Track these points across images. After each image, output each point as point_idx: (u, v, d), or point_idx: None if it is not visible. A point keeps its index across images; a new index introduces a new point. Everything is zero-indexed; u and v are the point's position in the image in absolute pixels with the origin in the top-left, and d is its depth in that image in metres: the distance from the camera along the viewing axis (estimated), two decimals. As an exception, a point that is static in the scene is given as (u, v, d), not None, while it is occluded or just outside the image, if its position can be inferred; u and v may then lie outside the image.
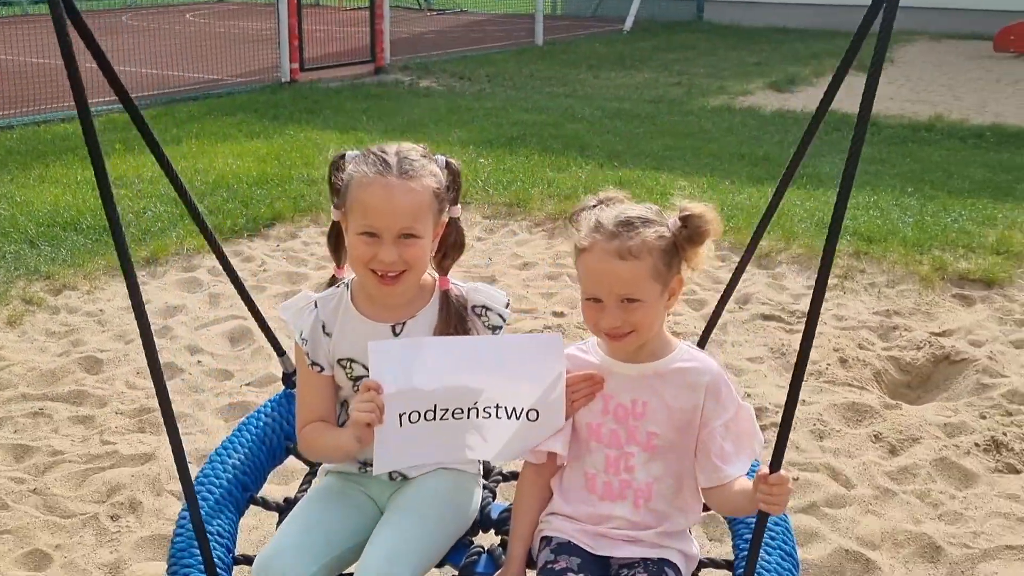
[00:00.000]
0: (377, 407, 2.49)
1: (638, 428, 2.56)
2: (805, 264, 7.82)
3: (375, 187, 2.58)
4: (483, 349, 2.69)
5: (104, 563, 4.11)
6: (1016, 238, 8.20)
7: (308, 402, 2.82)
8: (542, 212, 9.13)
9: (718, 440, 2.51)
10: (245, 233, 8.37)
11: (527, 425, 2.60)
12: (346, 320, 2.77)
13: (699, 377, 2.54)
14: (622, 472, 2.57)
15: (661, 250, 2.45)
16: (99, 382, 5.75)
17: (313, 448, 2.84)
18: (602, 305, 2.47)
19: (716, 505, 2.60)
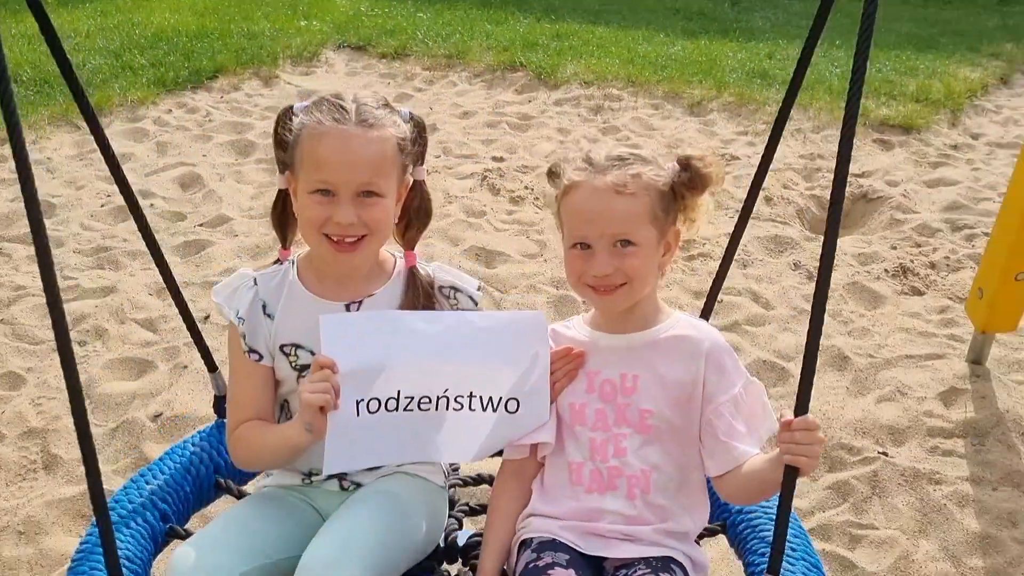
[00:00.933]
0: (332, 387, 2.12)
1: (629, 406, 2.22)
2: (735, 112, 8.12)
3: (330, 136, 2.22)
4: (456, 326, 2.30)
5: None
6: (935, 87, 8.57)
7: (243, 397, 2.39)
8: (481, 63, 9.29)
9: (726, 417, 2.17)
10: (188, 85, 8.43)
11: (505, 418, 2.27)
12: (291, 299, 2.38)
13: (697, 345, 2.22)
14: (611, 458, 2.22)
15: (659, 191, 2.16)
16: (54, 224, 5.92)
17: (251, 448, 2.37)
18: (591, 252, 2.16)
19: (733, 493, 2.21)
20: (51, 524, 3.59)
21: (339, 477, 2.46)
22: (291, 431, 2.24)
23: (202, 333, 2.82)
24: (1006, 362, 4.63)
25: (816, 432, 1.89)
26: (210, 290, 5.01)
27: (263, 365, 2.38)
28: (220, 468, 2.66)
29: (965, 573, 3.45)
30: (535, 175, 6.80)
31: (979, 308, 4.43)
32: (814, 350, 1.84)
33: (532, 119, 8.05)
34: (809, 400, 1.87)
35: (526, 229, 6.01)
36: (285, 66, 9.25)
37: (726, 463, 2.16)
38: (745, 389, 2.20)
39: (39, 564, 3.43)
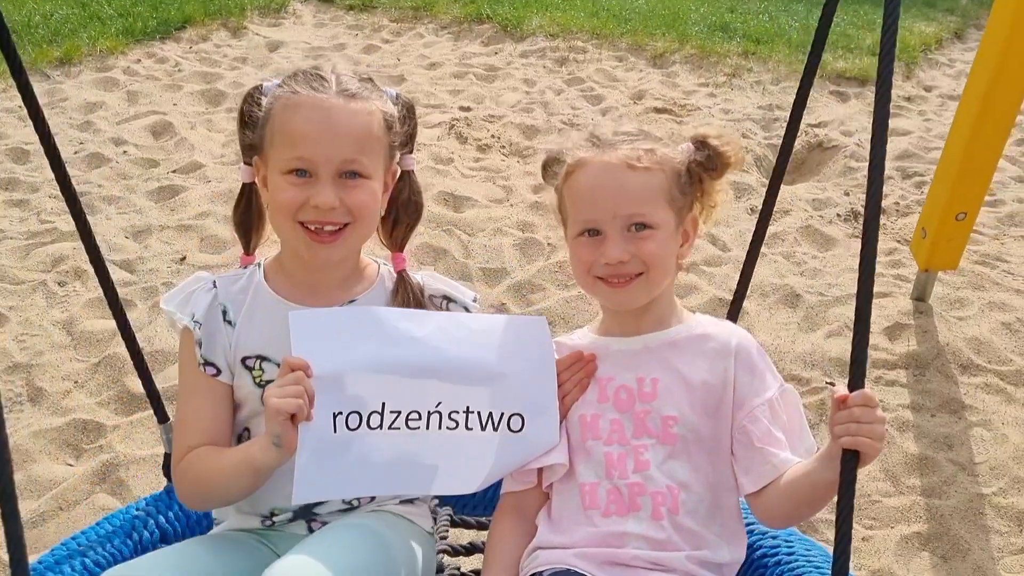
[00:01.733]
0: (306, 392, 1.82)
1: (649, 413, 1.95)
2: (696, 64, 8.30)
3: (307, 107, 1.96)
4: (447, 327, 2.01)
5: (58, 321, 4.53)
6: (891, 40, 8.79)
7: (194, 419, 2.04)
8: (448, 15, 9.42)
9: (763, 422, 1.90)
10: (157, 36, 8.49)
11: (509, 439, 1.97)
12: (257, 304, 2.07)
13: (724, 342, 1.98)
14: (631, 474, 1.92)
15: (675, 169, 1.95)
16: (28, 171, 6.03)
17: (201, 477, 1.99)
18: (601, 238, 1.92)
19: (773, 511, 1.90)
20: (38, 452, 3.75)
21: (307, 519, 2.12)
22: (254, 448, 1.90)
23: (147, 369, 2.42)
24: (948, 300, 4.88)
25: (877, 409, 1.65)
26: (185, 233, 5.22)
27: (220, 381, 2.04)
28: (168, 536, 2.29)
29: (903, 491, 3.70)
30: (501, 124, 6.97)
31: (922, 247, 4.67)
32: (866, 319, 1.61)
33: (498, 70, 8.19)
34: (864, 373, 1.63)
35: (492, 176, 6.18)
36: (253, 17, 9.32)
37: (764, 474, 1.87)
38: (781, 395, 1.95)
39: (28, 490, 3.59)
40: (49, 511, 3.45)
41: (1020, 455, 3.85)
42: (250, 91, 2.10)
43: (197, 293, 2.08)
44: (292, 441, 1.82)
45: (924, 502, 3.62)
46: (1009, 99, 4.15)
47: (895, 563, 3.35)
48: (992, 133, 4.24)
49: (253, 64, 8.15)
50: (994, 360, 4.42)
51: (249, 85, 2.14)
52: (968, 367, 4.37)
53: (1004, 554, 3.41)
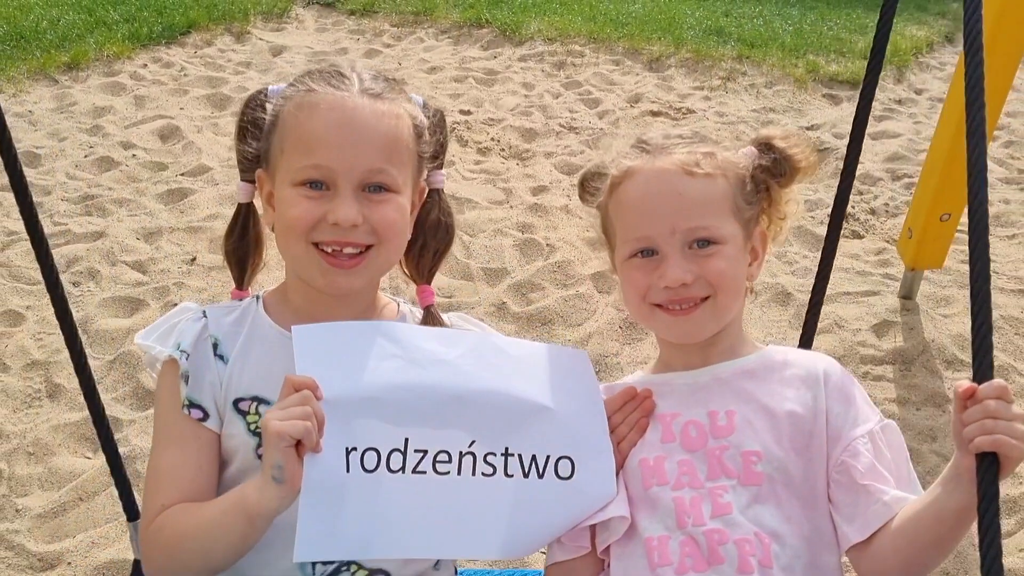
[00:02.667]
0: (315, 414, 1.51)
1: (726, 450, 1.66)
2: (692, 67, 8.46)
3: (327, 107, 1.67)
4: (480, 350, 1.73)
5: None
6: (883, 44, 8.95)
7: (171, 473, 1.70)
8: (448, 20, 9.58)
9: (866, 456, 1.61)
10: (162, 41, 8.65)
11: (557, 487, 1.67)
12: (255, 338, 1.77)
13: (811, 368, 1.72)
14: (708, 520, 1.61)
15: (738, 177, 1.72)
16: (40, 174, 6.17)
17: (180, 537, 1.64)
18: (658, 258, 1.67)
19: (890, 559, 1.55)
20: (58, 446, 3.90)
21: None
22: (248, 487, 1.56)
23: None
24: (934, 298, 5.04)
25: (1014, 404, 1.36)
26: (195, 235, 5.37)
27: (207, 428, 1.72)
28: None
29: (888, 480, 3.86)
30: (501, 127, 7.12)
31: (909, 247, 4.83)
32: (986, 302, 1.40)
33: (497, 74, 8.35)
34: (992, 362, 1.37)
35: (493, 178, 6.34)
36: (256, 22, 9.47)
37: (874, 516, 1.56)
38: (882, 429, 1.67)
39: (48, 481, 3.75)
40: (70, 502, 3.61)
41: (1001, 446, 4.00)
42: (252, 95, 1.83)
43: (183, 324, 1.79)
44: (295, 476, 1.49)
45: (908, 491, 3.78)
46: (991, 103, 4.29)
47: (879, 549, 3.51)
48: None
49: (257, 68, 8.30)
50: (978, 356, 4.58)
51: (254, 89, 1.88)
52: (953, 362, 4.52)
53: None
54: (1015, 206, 6.24)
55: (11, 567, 3.34)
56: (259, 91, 1.83)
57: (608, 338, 4.60)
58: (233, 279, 1.94)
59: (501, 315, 4.75)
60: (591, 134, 7.00)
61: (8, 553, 3.38)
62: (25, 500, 3.64)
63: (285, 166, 1.70)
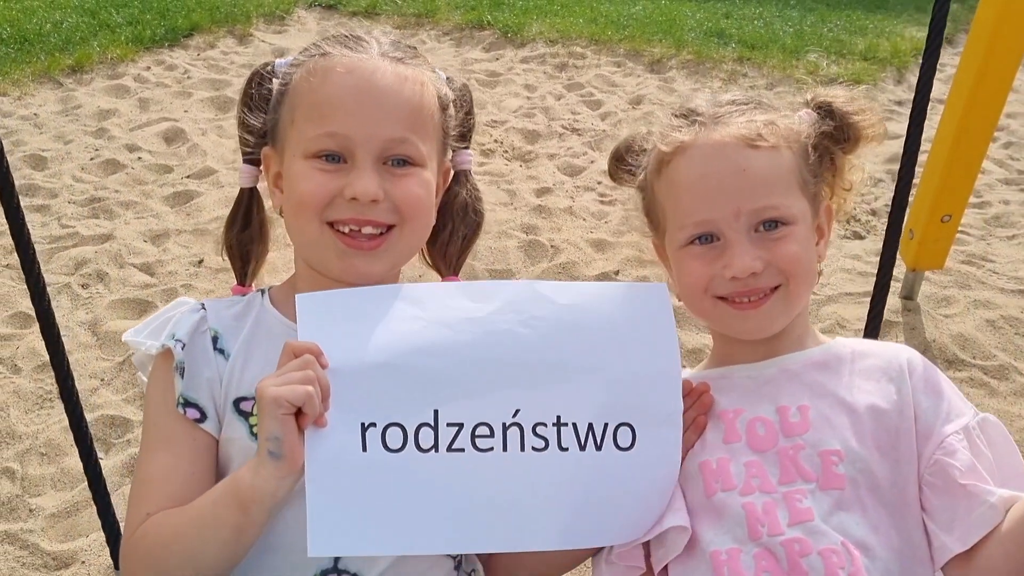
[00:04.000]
0: (318, 380, 1.35)
1: (802, 450, 1.48)
2: (693, 69, 8.50)
3: (343, 70, 1.49)
4: (524, 305, 1.49)
5: (83, 321, 4.72)
6: (883, 45, 9.01)
7: (160, 479, 1.50)
8: (449, 22, 9.63)
9: (963, 453, 1.44)
10: (165, 43, 8.69)
11: (617, 460, 1.43)
12: (260, 333, 1.59)
13: (892, 360, 1.55)
14: (786, 528, 1.41)
15: (803, 146, 1.53)
16: (47, 177, 6.22)
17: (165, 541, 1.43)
18: (721, 244, 1.48)
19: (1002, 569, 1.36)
20: (70, 446, 3.94)
21: None
22: (241, 471, 1.38)
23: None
24: (935, 298, 5.09)
25: None
26: (201, 238, 5.41)
27: (203, 430, 1.52)
28: None
29: (891, 479, 3.90)
30: (504, 129, 7.17)
31: (910, 248, 4.87)
32: None
33: (500, 76, 8.39)
34: None
35: (496, 180, 6.38)
36: (258, 24, 9.51)
37: (976, 524, 1.35)
38: (980, 425, 1.50)
39: (61, 481, 3.79)
40: (82, 501, 3.65)
41: (1002, 445, 4.05)
42: (257, 70, 1.66)
43: (178, 316, 1.61)
44: (296, 450, 1.32)
45: (910, 489, 3.82)
46: (991, 104, 4.36)
47: (882, 546, 3.55)
48: (975, 138, 4.45)
49: (260, 71, 8.34)
50: (979, 356, 4.63)
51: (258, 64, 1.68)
52: (954, 362, 4.57)
53: (985, 537, 3.61)
54: (1015, 207, 6.28)
55: (26, 566, 3.39)
56: (265, 64, 1.65)
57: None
58: (235, 274, 1.72)
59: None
60: (594, 136, 7.04)
61: (23, 552, 3.42)
62: (38, 500, 3.69)
63: (296, 137, 1.50)
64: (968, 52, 4.39)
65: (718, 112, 1.53)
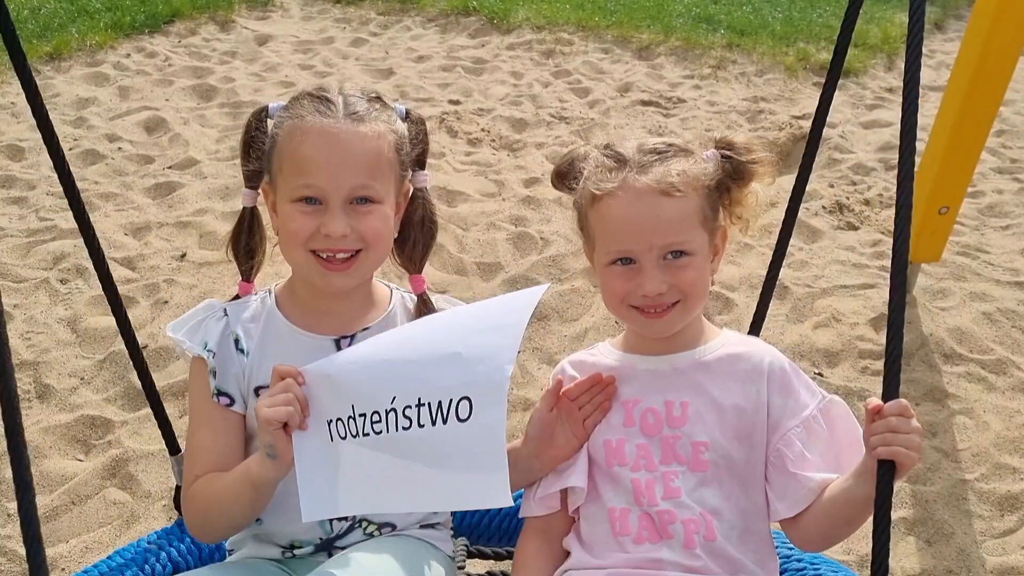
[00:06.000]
0: (297, 399, 1.80)
1: (679, 440, 1.88)
2: (682, 56, 8.41)
3: (315, 134, 1.91)
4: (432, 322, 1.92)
5: (62, 318, 4.61)
6: (873, 32, 8.92)
7: (204, 448, 2.01)
8: (434, 8, 9.50)
9: (797, 445, 1.84)
10: (146, 29, 8.54)
11: (458, 431, 1.64)
12: (270, 333, 2.05)
13: (757, 364, 1.91)
14: (661, 501, 1.85)
15: (705, 187, 1.87)
16: (24, 168, 6.09)
17: (208, 501, 1.96)
18: (636, 267, 1.86)
19: (813, 533, 1.84)
20: (48, 448, 3.84)
21: (329, 551, 2.07)
22: (251, 462, 1.88)
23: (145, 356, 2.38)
24: (931, 291, 5.02)
25: (912, 419, 1.61)
26: (184, 230, 5.30)
27: (233, 411, 2.01)
28: (180, 568, 2.24)
29: (889, 477, 3.83)
30: (491, 117, 7.06)
31: (906, 240, 4.79)
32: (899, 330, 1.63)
33: (486, 63, 8.28)
34: (899, 383, 1.62)
35: (484, 170, 6.28)
36: (240, 10, 9.36)
37: (800, 500, 1.82)
38: (821, 411, 1.88)
39: (40, 485, 3.68)
40: (62, 506, 3.55)
41: (1001, 442, 3.99)
42: (254, 115, 2.05)
43: (207, 322, 2.05)
44: (286, 451, 1.79)
45: (909, 488, 3.75)
46: (990, 96, 4.28)
47: (882, 547, 3.48)
48: (974, 129, 4.37)
49: (243, 58, 8.20)
50: (976, 350, 4.56)
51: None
52: (951, 357, 4.50)
53: (986, 538, 3.54)
54: (1008, 196, 6.22)
55: (4, 574, 3.28)
56: (261, 109, 2.04)
57: (604, 333, 4.55)
58: (240, 273, 2.14)
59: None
60: (582, 124, 6.95)
61: (0, 559, 3.31)
62: (16, 504, 3.58)
63: (283, 184, 1.94)
64: (968, 41, 4.31)
65: (642, 160, 1.86)
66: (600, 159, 1.92)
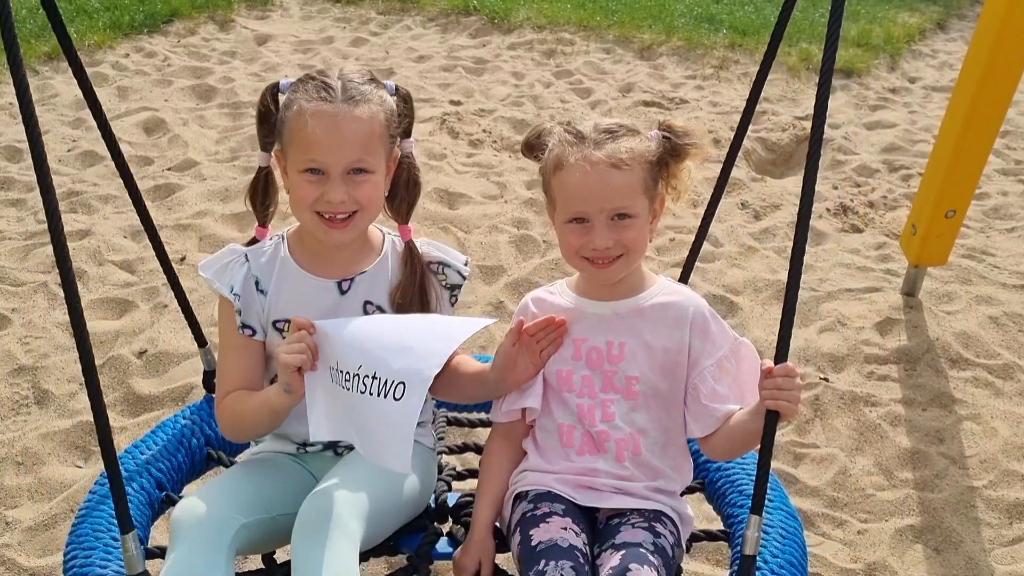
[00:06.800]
0: (308, 348, 2.19)
1: (616, 374, 2.31)
2: (683, 56, 8.37)
3: (318, 116, 2.25)
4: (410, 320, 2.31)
5: (60, 322, 4.56)
6: (875, 32, 8.88)
7: (232, 371, 2.43)
8: (435, 7, 9.45)
9: (709, 382, 2.26)
10: (145, 29, 8.50)
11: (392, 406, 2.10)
12: (284, 276, 2.43)
13: (682, 312, 2.31)
14: (599, 423, 2.30)
15: (648, 162, 2.25)
16: (23, 170, 6.04)
17: (236, 416, 2.39)
18: (589, 225, 2.23)
19: (718, 450, 2.30)
20: (47, 455, 3.79)
21: (333, 447, 2.50)
22: (271, 393, 2.28)
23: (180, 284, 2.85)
24: (937, 294, 4.98)
25: (796, 378, 1.98)
26: (184, 233, 5.26)
27: (255, 340, 2.42)
28: (211, 440, 2.74)
29: (896, 485, 3.79)
30: (492, 118, 7.02)
31: (913, 243, 4.76)
32: (793, 301, 1.95)
33: (487, 63, 8.23)
34: (788, 349, 1.95)
35: (486, 171, 6.24)
36: (240, 10, 9.32)
37: (709, 424, 2.25)
38: (732, 351, 2.28)
39: (38, 492, 3.64)
40: (61, 514, 3.50)
41: (1009, 448, 3.95)
42: (267, 90, 2.39)
43: (232, 266, 2.42)
44: (299, 388, 2.21)
45: (917, 495, 3.72)
46: (997, 100, 4.24)
47: (890, 556, 3.44)
48: (981, 133, 4.33)
49: (242, 58, 8.16)
50: (982, 354, 4.53)
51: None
52: (957, 361, 4.46)
53: (995, 546, 3.51)
54: (1013, 198, 6.19)
55: (2, 584, 3.25)
56: (273, 85, 2.39)
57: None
58: (257, 220, 2.51)
59: (499, 314, 4.65)
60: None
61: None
62: (15, 512, 3.54)
63: (292, 156, 2.29)
64: (975, 44, 4.26)
65: (597, 138, 2.22)
66: (563, 135, 2.28)
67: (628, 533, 2.19)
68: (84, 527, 2.34)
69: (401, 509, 2.42)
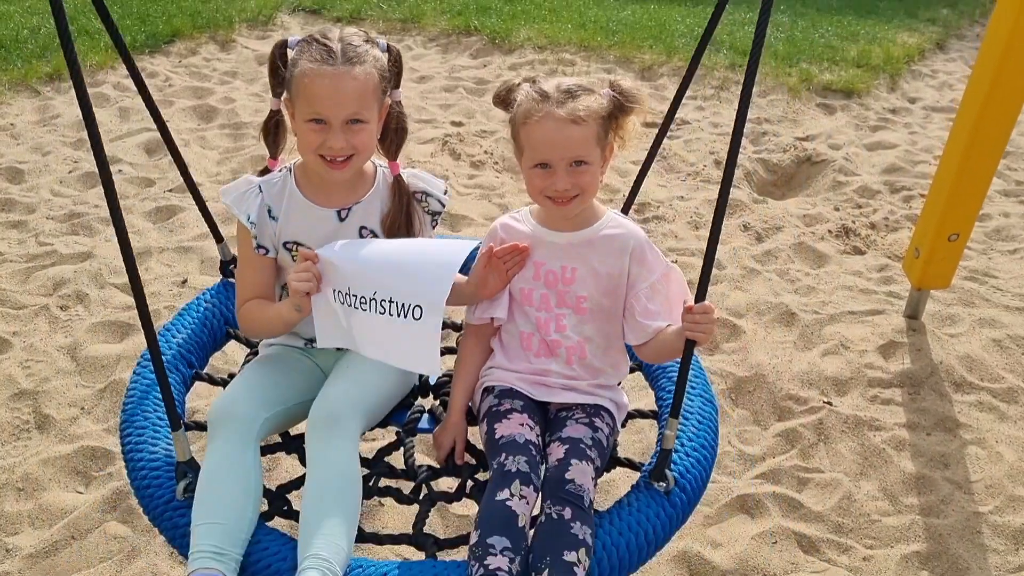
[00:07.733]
0: (314, 276, 2.59)
1: (568, 293, 2.72)
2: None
3: (321, 76, 2.59)
4: (403, 244, 2.70)
5: (62, 346, 4.55)
6: (875, 52, 8.89)
7: (250, 282, 2.86)
8: (436, 28, 9.46)
9: (643, 301, 2.65)
10: (146, 49, 8.50)
11: (414, 325, 2.53)
12: (292, 205, 2.82)
13: (625, 243, 2.70)
14: (553, 333, 2.73)
15: (601, 117, 2.59)
16: (24, 191, 6.03)
17: (254, 322, 2.85)
18: (551, 171, 2.60)
19: (649, 355, 2.73)
20: (48, 480, 3.77)
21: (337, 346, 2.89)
22: (284, 309, 2.72)
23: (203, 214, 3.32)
24: (940, 317, 4.97)
25: (711, 314, 2.35)
26: (185, 255, 5.24)
27: (268, 258, 2.84)
28: (229, 320, 3.23)
29: (902, 510, 3.77)
30: (493, 139, 7.02)
31: (915, 266, 4.75)
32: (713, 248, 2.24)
33: (488, 83, 8.24)
34: (706, 291, 2.32)
35: (488, 193, 6.23)
36: (241, 30, 9.33)
37: (642, 336, 2.66)
38: (663, 276, 2.67)
39: (39, 518, 3.62)
40: (61, 540, 3.48)
41: (1015, 473, 3.93)
42: (276, 46, 2.74)
43: (248, 196, 2.79)
44: (307, 307, 2.62)
45: (923, 521, 3.70)
46: (1001, 123, 4.23)
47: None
48: (984, 155, 4.32)
49: (243, 78, 8.17)
50: (986, 378, 4.51)
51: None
52: (961, 385, 4.45)
53: (1002, 572, 3.48)
54: (1015, 219, 6.19)
55: (2, 612, 3.22)
56: (282, 42, 2.72)
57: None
58: (269, 153, 2.88)
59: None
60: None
61: (-1, 598, 3.25)
62: (15, 539, 3.52)
63: (299, 107, 2.63)
64: (979, 67, 4.26)
65: (559, 97, 2.55)
66: (530, 92, 2.61)
67: (571, 428, 2.64)
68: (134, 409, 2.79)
69: (395, 393, 2.89)
